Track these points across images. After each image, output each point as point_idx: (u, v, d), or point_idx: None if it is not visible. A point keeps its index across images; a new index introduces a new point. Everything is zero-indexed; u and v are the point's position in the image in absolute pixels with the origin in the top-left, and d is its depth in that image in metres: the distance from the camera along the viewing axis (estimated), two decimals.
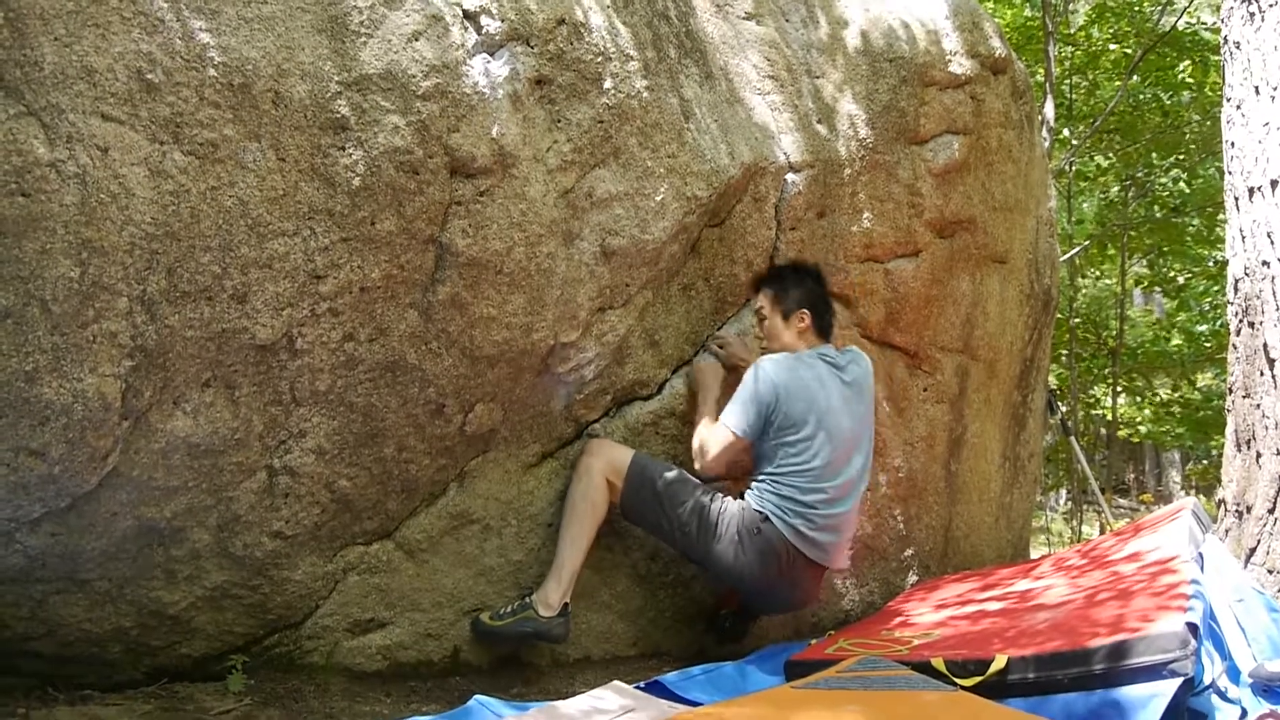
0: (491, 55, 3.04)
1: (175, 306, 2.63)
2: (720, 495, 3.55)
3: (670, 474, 3.52)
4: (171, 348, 2.66)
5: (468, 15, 3.01)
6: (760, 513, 3.50)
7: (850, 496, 3.66)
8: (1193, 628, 2.68)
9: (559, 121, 3.22)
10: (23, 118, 2.38)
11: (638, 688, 3.11)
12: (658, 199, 3.44)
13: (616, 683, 3.08)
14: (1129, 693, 2.64)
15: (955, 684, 2.82)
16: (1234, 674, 2.86)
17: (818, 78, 4.23)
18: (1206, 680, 2.71)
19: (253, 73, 2.64)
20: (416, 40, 2.88)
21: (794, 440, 3.52)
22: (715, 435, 3.54)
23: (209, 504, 2.89)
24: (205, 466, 2.83)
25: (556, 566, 3.42)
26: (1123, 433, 13.55)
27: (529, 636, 3.37)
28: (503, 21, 3.05)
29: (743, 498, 3.57)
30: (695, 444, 3.59)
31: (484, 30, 3.02)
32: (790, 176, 3.98)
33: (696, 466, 3.56)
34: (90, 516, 2.71)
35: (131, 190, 2.49)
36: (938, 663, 2.95)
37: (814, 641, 3.75)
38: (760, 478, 3.59)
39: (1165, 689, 2.58)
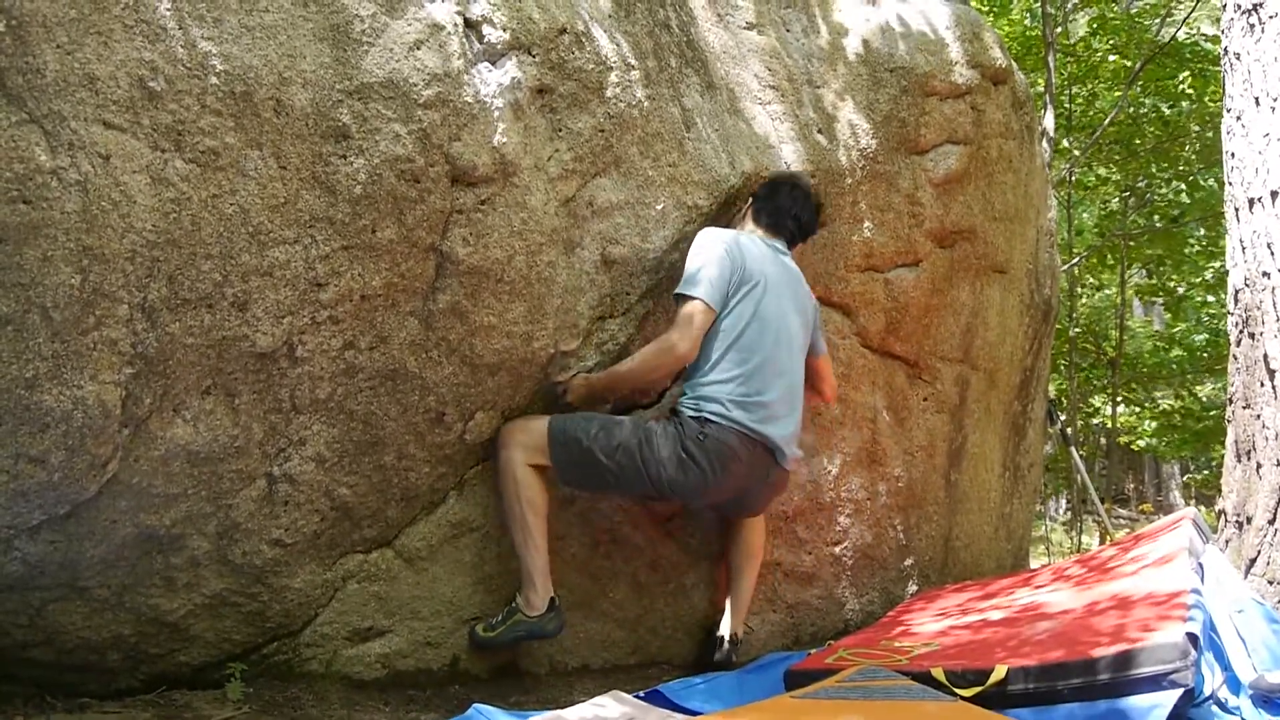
0: (493, 64, 3.04)
1: (176, 314, 2.63)
2: (648, 423, 3.37)
3: (592, 426, 3.30)
4: (172, 355, 2.66)
5: (469, 24, 3.01)
6: (698, 418, 3.32)
7: (791, 387, 3.52)
8: (1193, 638, 2.67)
9: (560, 130, 3.22)
10: (24, 125, 2.38)
11: (637, 696, 3.10)
12: (659, 208, 3.44)
13: (616, 691, 3.07)
14: (1130, 703, 2.63)
15: (955, 694, 2.82)
16: (1234, 685, 2.85)
17: (819, 87, 4.24)
18: (1207, 691, 2.70)
19: (254, 81, 2.65)
20: (418, 49, 2.89)
21: (735, 320, 3.35)
22: (685, 313, 3.30)
23: (208, 511, 2.89)
24: (205, 474, 2.83)
25: (525, 572, 3.33)
26: (1123, 440, 13.54)
27: (525, 639, 3.36)
28: (504, 31, 3.05)
29: (674, 416, 3.40)
30: (656, 347, 3.34)
31: (486, 39, 3.03)
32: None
33: (669, 361, 3.33)
34: (90, 524, 2.71)
35: (133, 198, 2.49)
36: (937, 673, 2.94)
37: (814, 651, 3.74)
38: (690, 384, 3.40)
39: (1166, 699, 2.57)
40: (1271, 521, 3.56)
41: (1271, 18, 3.78)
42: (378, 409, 3.06)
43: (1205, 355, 11.88)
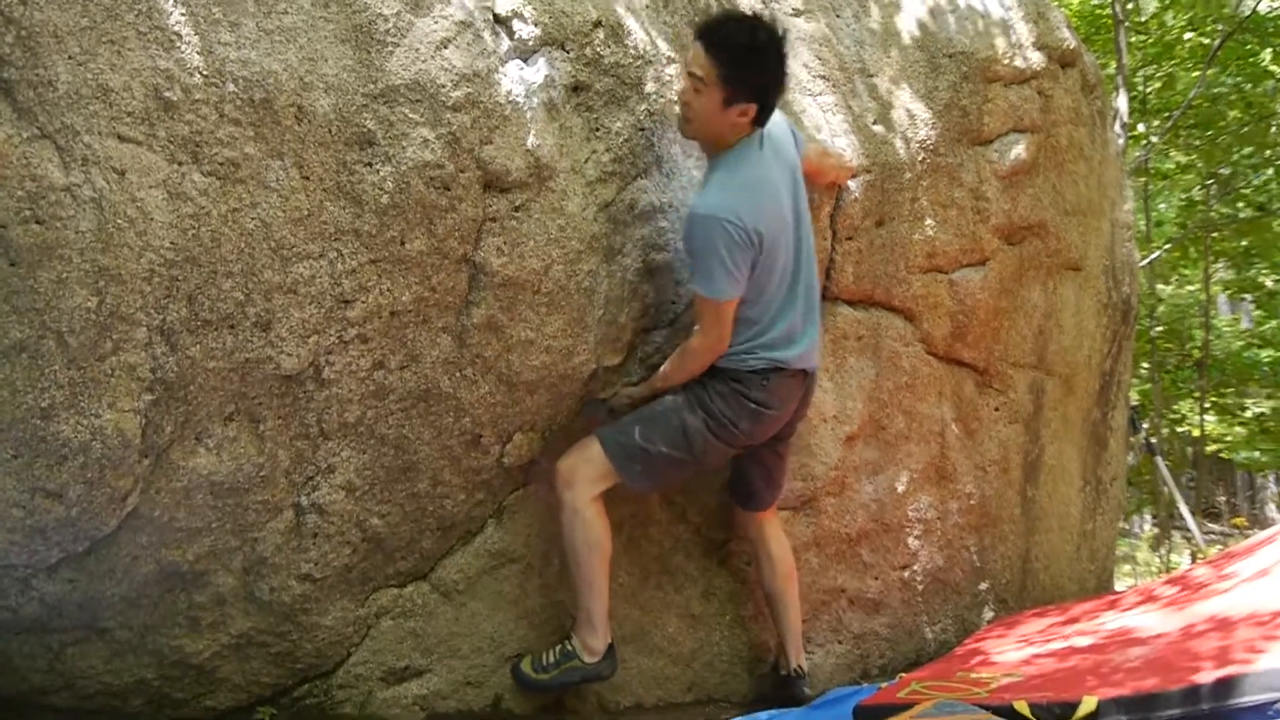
0: (525, 62, 3.07)
1: (196, 336, 2.67)
2: (689, 397, 3.35)
3: (636, 429, 3.32)
4: (193, 380, 2.70)
5: (499, 20, 3.04)
6: (754, 371, 3.33)
7: (807, 290, 3.48)
8: None
9: (598, 130, 3.24)
10: (36, 140, 2.43)
11: None
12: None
13: None
14: None
15: None
16: None
17: (872, 75, 4.23)
18: None
19: (274, 87, 2.69)
20: (445, 48, 2.92)
21: (755, 277, 3.28)
22: (714, 312, 3.24)
23: (233, 545, 2.92)
24: (229, 505, 2.86)
25: (585, 615, 3.35)
26: (1212, 449, 13.37)
27: (578, 684, 3.38)
28: (536, 26, 3.08)
29: (718, 376, 3.37)
30: (695, 352, 3.32)
31: (516, 35, 3.06)
32: (846, 182, 3.98)
33: (708, 361, 3.31)
34: (110, 561, 2.75)
35: (150, 214, 2.54)
36: (1021, 706, 2.90)
37: (884, 684, 3.71)
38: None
39: None
40: None
41: None
42: (410, 432, 3.08)
43: None
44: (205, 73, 2.61)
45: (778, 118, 3.50)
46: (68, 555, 2.69)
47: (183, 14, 2.59)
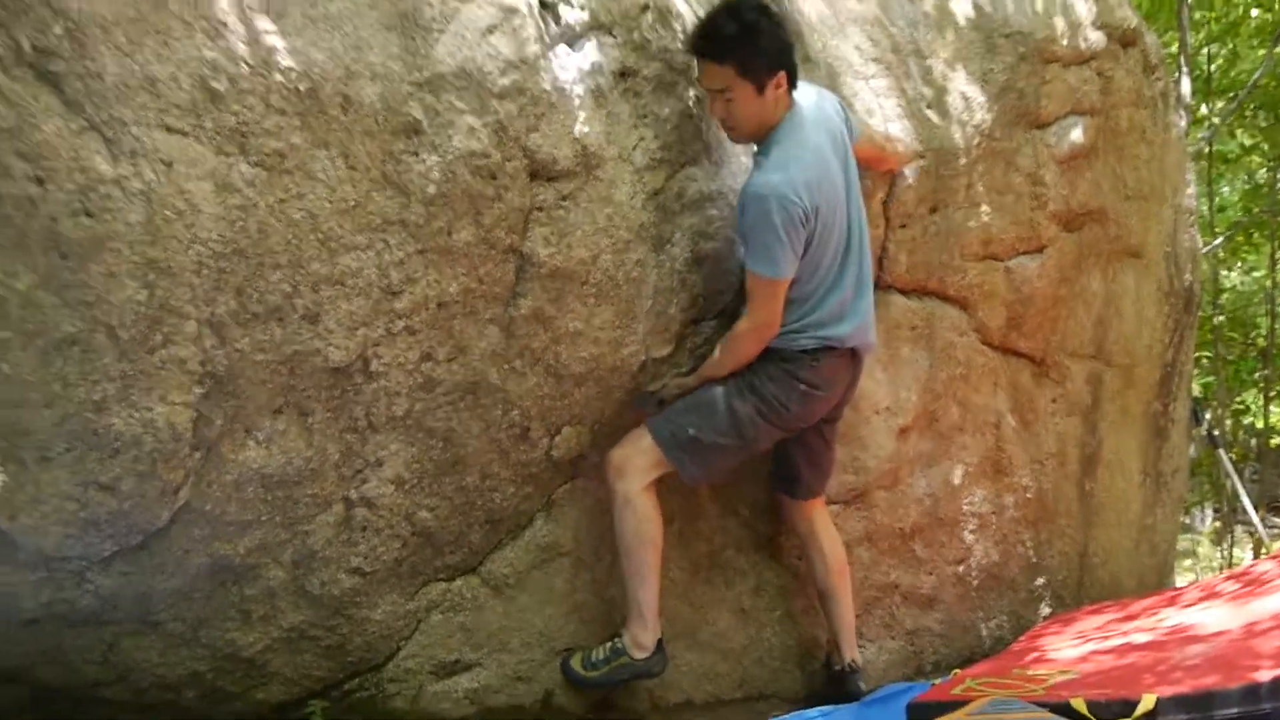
0: (571, 47, 3.07)
1: (245, 329, 2.69)
2: (739, 382, 3.34)
3: (689, 415, 3.32)
4: (242, 373, 2.72)
5: (545, 5, 3.05)
6: (804, 351, 3.34)
7: (859, 265, 3.48)
8: None
9: (645, 117, 3.23)
10: (85, 133, 2.46)
11: None
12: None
13: None
14: None
15: None
16: None
17: (926, 57, 4.18)
18: None
19: (320, 76, 2.70)
20: (491, 34, 2.92)
21: (809, 255, 3.27)
22: (766, 290, 3.22)
23: (284, 539, 2.94)
24: (279, 499, 2.88)
25: (636, 609, 3.36)
26: (1278, 440, 13.16)
27: (628, 680, 3.39)
28: (583, 10, 3.08)
29: (770, 356, 3.35)
30: (747, 335, 3.30)
31: (563, 21, 3.06)
32: (901, 169, 3.95)
33: (763, 343, 3.30)
34: (162, 554, 2.78)
35: (197, 206, 2.56)
36: (1078, 703, 2.88)
37: (938, 681, 3.70)
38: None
39: None
40: None
41: None
42: (458, 425, 3.10)
43: None
44: (251, 63, 2.62)
45: (828, 97, 3.51)
46: (121, 548, 2.72)
47: (228, 3, 2.61)
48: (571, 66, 3.05)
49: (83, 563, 2.70)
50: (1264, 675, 2.70)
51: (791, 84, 3.25)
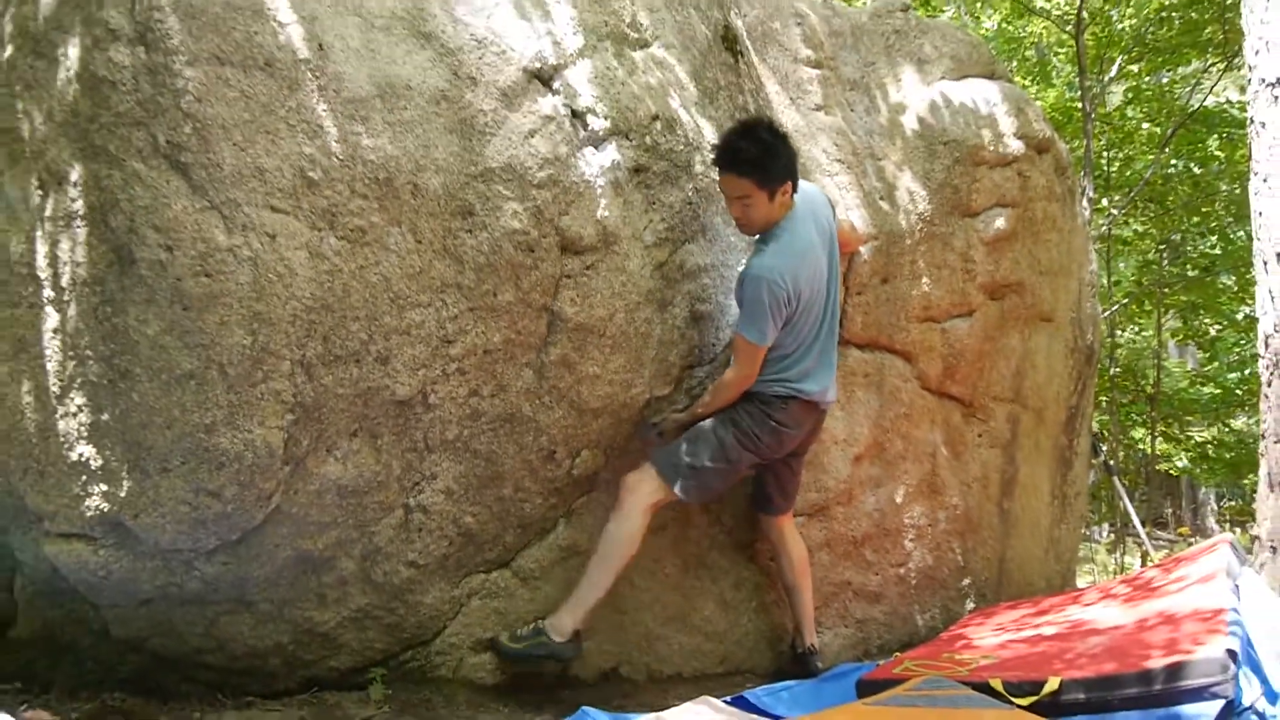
0: (596, 148, 3.09)
1: (329, 368, 2.71)
2: (724, 417, 3.33)
3: (684, 445, 3.30)
4: (325, 403, 2.73)
5: (576, 114, 3.07)
6: (778, 396, 3.33)
7: (829, 335, 3.47)
8: (1232, 654, 2.58)
9: (654, 204, 3.25)
10: (206, 211, 2.49)
11: (725, 702, 3.07)
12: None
13: (706, 697, 3.04)
14: (1178, 712, 2.54)
15: (1012, 703, 2.73)
16: (1271, 696, 2.72)
17: (880, 159, 4.22)
18: (1246, 702, 2.59)
19: (395, 169, 2.73)
20: (533, 137, 2.95)
21: (790, 325, 3.29)
22: (747, 353, 3.24)
23: (355, 537, 2.95)
24: (352, 505, 2.89)
25: (577, 598, 3.24)
26: (1162, 466, 13.09)
27: (545, 658, 3.25)
28: (606, 119, 3.10)
29: (751, 399, 3.34)
30: (729, 384, 3.31)
31: (590, 127, 3.08)
32: (859, 248, 3.97)
33: (740, 392, 3.30)
34: (256, 548, 2.78)
35: (294, 270, 2.58)
36: (996, 683, 2.85)
37: (882, 662, 3.66)
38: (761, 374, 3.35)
39: (1209, 709, 2.49)
40: None
41: None
42: (497, 448, 3.10)
43: (1238, 392, 11.43)
44: (341, 157, 2.66)
45: (819, 193, 3.54)
46: (223, 543, 2.72)
47: (324, 109, 2.65)
48: (595, 163, 3.07)
49: (191, 554, 2.71)
50: (1154, 663, 2.68)
51: (794, 188, 3.29)
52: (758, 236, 3.36)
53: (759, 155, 3.18)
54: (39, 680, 3.02)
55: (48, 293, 2.65)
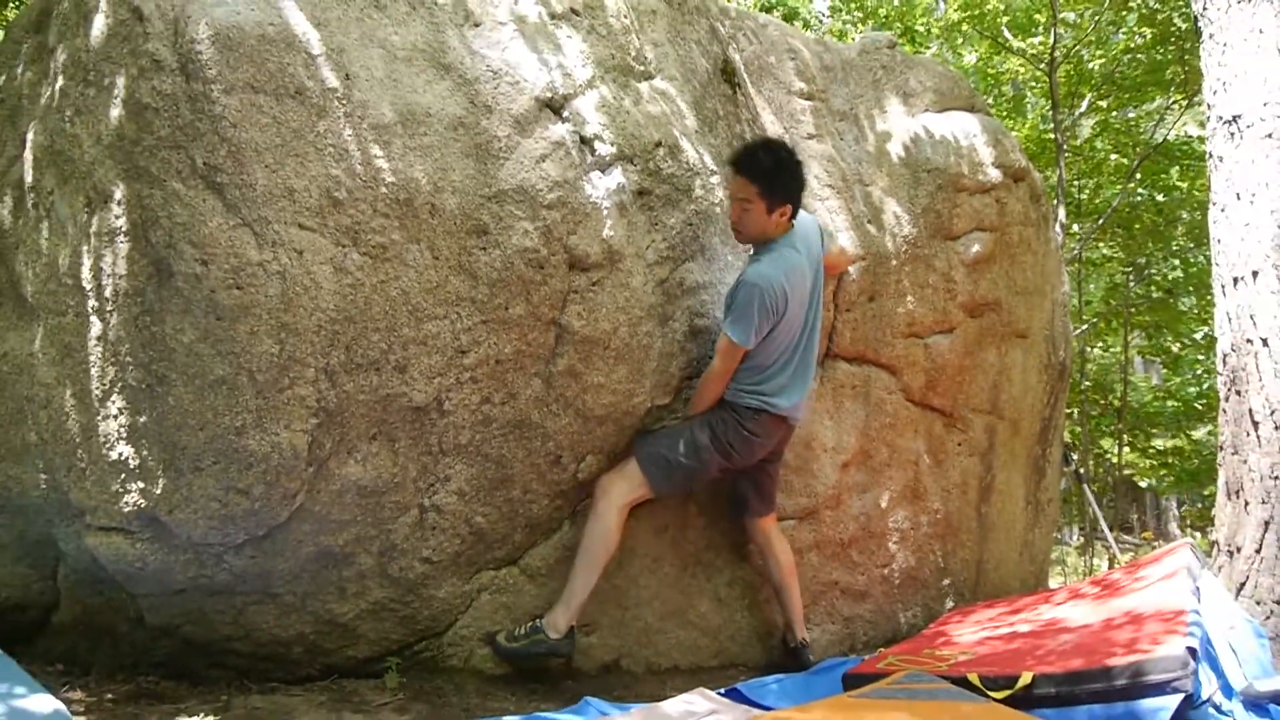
0: (603, 172, 3.10)
1: (351, 376, 2.71)
2: (701, 421, 3.33)
3: (661, 444, 3.30)
4: (347, 409, 2.73)
5: (584, 140, 3.08)
6: (750, 408, 3.31)
7: (805, 355, 3.43)
8: (1192, 651, 2.59)
9: (656, 225, 3.25)
10: (239, 228, 2.49)
11: (720, 693, 3.05)
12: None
13: (702, 689, 3.03)
14: (1140, 706, 2.53)
15: (988, 696, 2.73)
16: (1228, 692, 2.72)
17: (868, 185, 4.22)
18: (1205, 696, 2.60)
19: (415, 190, 2.74)
20: (543, 162, 2.95)
21: (771, 336, 3.26)
22: (728, 349, 3.22)
23: (373, 534, 2.94)
24: (370, 504, 2.88)
25: (568, 595, 3.21)
26: (1129, 473, 13.06)
27: (543, 655, 3.24)
28: (612, 145, 3.10)
29: (726, 406, 3.33)
30: (711, 382, 3.30)
31: (597, 152, 3.09)
32: (848, 269, 3.97)
33: (722, 388, 3.30)
34: (281, 543, 2.78)
35: (320, 284, 2.59)
36: (973, 677, 2.84)
37: (867, 657, 3.64)
38: (738, 384, 3.33)
39: (1170, 703, 2.49)
40: (1258, 551, 3.45)
41: (1249, 127, 3.71)
42: (507, 452, 3.09)
43: (1198, 406, 11.42)
44: (364, 179, 2.66)
45: (811, 220, 3.54)
46: (250, 538, 2.72)
47: (350, 134, 2.65)
48: (602, 187, 3.07)
49: (221, 548, 2.71)
50: (1118, 660, 2.67)
51: (793, 214, 3.31)
52: (753, 250, 3.37)
53: (771, 167, 3.23)
54: (79, 662, 3.02)
55: (92, 303, 2.66)
